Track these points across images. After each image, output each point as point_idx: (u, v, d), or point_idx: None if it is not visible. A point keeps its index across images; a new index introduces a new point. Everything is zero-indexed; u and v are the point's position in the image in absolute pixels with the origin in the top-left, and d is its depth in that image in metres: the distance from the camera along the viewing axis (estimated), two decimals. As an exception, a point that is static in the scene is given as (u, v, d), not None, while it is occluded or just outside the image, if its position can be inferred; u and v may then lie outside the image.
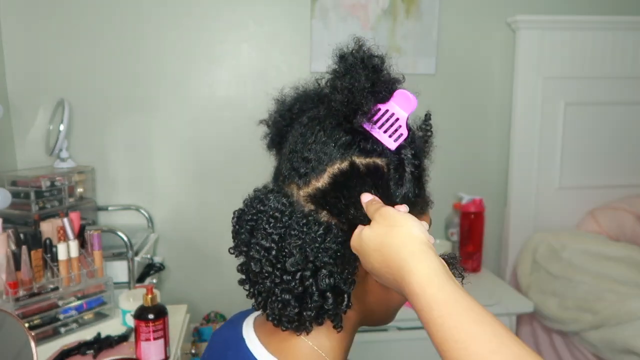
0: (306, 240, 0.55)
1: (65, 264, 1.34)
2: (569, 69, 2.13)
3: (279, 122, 0.66)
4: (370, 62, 0.56)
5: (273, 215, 0.57)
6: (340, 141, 0.56)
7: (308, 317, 0.55)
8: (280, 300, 0.55)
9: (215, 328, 2.01)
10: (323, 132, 0.57)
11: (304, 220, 0.55)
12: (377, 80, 0.55)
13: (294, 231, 0.55)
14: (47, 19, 1.90)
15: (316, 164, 0.56)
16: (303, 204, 0.57)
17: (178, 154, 2.05)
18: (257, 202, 0.60)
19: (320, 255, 0.54)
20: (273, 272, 0.55)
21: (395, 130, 0.55)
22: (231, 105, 2.05)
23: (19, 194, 1.63)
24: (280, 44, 2.05)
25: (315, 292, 0.54)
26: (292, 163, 0.58)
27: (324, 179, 0.56)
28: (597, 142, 2.20)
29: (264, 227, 0.57)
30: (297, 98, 0.65)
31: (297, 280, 0.54)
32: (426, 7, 2.07)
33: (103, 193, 2.00)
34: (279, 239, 0.56)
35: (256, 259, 0.56)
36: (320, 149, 0.56)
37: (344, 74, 0.55)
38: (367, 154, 0.56)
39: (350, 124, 0.56)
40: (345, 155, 0.56)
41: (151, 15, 1.95)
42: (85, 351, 1.23)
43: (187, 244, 2.10)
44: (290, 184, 0.59)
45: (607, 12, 2.17)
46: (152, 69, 1.99)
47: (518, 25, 2.09)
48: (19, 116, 1.92)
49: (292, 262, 0.54)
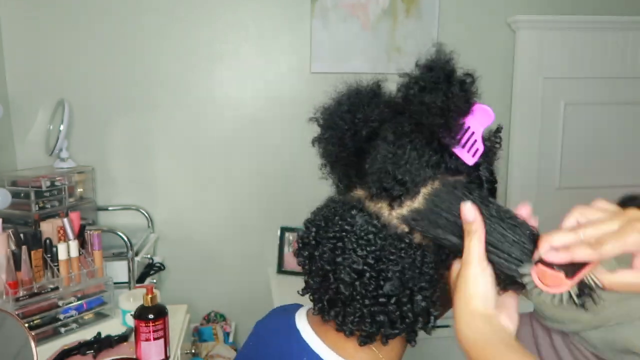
0: (405, 265, 0.54)
1: (65, 264, 1.34)
2: (569, 69, 2.13)
3: (338, 124, 0.61)
4: (459, 78, 0.55)
5: (364, 237, 0.54)
6: (432, 161, 0.55)
7: (392, 336, 0.56)
8: (370, 321, 0.55)
9: (215, 328, 2.01)
10: (415, 152, 0.55)
11: (401, 244, 0.54)
12: (465, 98, 0.54)
13: (392, 255, 0.54)
14: (47, 19, 1.90)
15: (411, 185, 0.54)
16: (397, 225, 0.55)
17: (178, 154, 2.05)
18: (339, 219, 0.57)
19: (418, 281, 0.54)
20: (365, 295, 0.54)
21: (472, 146, 0.55)
22: (231, 105, 2.05)
23: (19, 194, 1.63)
24: (280, 44, 2.05)
25: (410, 316, 0.54)
26: (383, 183, 0.55)
27: (419, 200, 0.55)
28: (597, 142, 2.19)
29: (353, 248, 0.54)
30: (356, 99, 0.61)
31: (393, 304, 0.54)
32: (426, 7, 2.07)
33: (103, 193, 2.00)
34: (373, 262, 0.54)
35: (347, 282, 0.54)
36: (415, 170, 0.54)
37: (433, 88, 0.53)
38: (453, 172, 0.56)
39: (439, 142, 0.55)
40: (436, 175, 0.55)
41: (151, 15, 1.95)
42: (85, 351, 1.23)
43: (187, 244, 2.10)
44: (379, 203, 0.57)
45: (607, 12, 2.17)
46: (152, 69, 1.99)
47: (518, 25, 2.09)
48: (19, 116, 1.92)
49: (390, 287, 0.53)
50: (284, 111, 2.07)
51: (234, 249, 2.13)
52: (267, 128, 2.08)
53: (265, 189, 2.11)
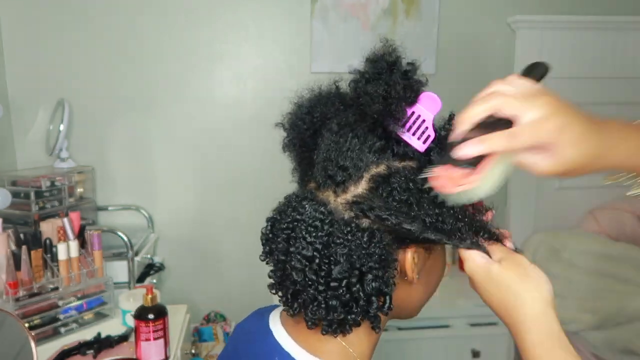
0: (352, 248, 0.55)
1: (65, 264, 1.34)
2: (569, 69, 2.13)
3: (298, 125, 0.65)
4: (402, 67, 0.56)
5: (312, 224, 0.56)
6: (375, 147, 0.57)
7: (351, 321, 0.56)
8: (325, 307, 0.56)
9: (215, 328, 2.01)
10: (357, 139, 0.57)
11: (347, 228, 0.55)
12: (408, 85, 0.55)
13: (339, 239, 0.55)
14: (47, 19, 1.90)
15: (353, 170, 0.56)
16: (342, 211, 0.57)
17: (178, 154, 2.05)
18: (291, 210, 0.59)
19: (366, 261, 0.55)
20: (317, 280, 0.55)
21: (422, 133, 0.56)
22: (231, 105, 2.05)
23: (19, 194, 1.63)
24: (280, 44, 2.05)
25: (361, 297, 0.55)
26: (327, 171, 0.58)
27: (363, 185, 0.57)
28: (597, 142, 2.19)
29: (303, 235, 0.56)
30: (316, 100, 0.64)
31: (343, 287, 0.55)
32: (426, 7, 2.07)
33: (103, 193, 2.00)
34: (321, 248, 0.55)
35: (298, 268, 0.56)
36: (356, 156, 0.56)
37: (376, 78, 0.55)
38: (401, 157, 0.57)
39: (383, 130, 0.57)
40: (381, 160, 0.57)
41: (151, 15, 1.95)
42: (85, 351, 1.23)
43: (187, 244, 2.10)
44: (326, 192, 0.58)
45: (607, 12, 2.17)
46: (152, 69, 1.99)
47: (518, 25, 2.08)
48: (19, 116, 1.92)
49: (339, 270, 0.54)
50: (284, 111, 2.06)
51: (234, 249, 2.13)
52: (267, 128, 2.07)
53: (266, 189, 2.10)
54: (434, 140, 0.57)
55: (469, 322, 1.80)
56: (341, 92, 0.63)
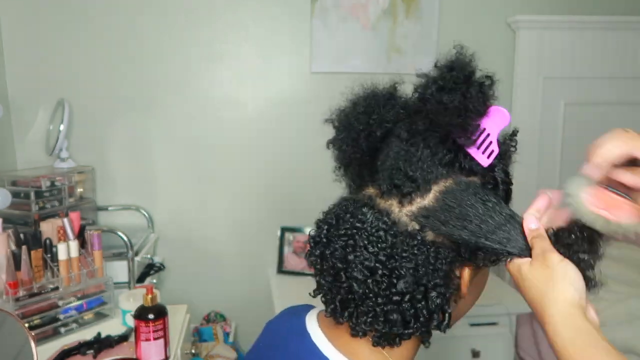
0: (418, 262, 0.53)
1: (65, 264, 1.34)
2: (569, 69, 2.13)
3: (353, 126, 0.61)
4: (479, 79, 0.55)
5: (375, 233, 0.55)
6: (445, 159, 0.55)
7: (406, 336, 0.55)
8: (383, 319, 0.54)
9: (215, 328, 2.01)
10: (429, 150, 0.55)
11: (413, 241, 0.54)
12: (483, 99, 0.55)
13: (405, 253, 0.54)
14: (47, 19, 1.90)
15: (422, 182, 0.55)
16: (407, 222, 0.55)
17: (178, 154, 2.05)
18: (349, 217, 0.57)
19: (432, 277, 0.54)
20: (378, 293, 0.54)
21: (487, 147, 0.55)
22: (231, 105, 2.05)
23: (19, 194, 1.63)
24: (280, 44, 2.05)
25: (424, 314, 0.54)
26: (394, 180, 0.55)
27: (430, 198, 0.55)
28: (597, 142, 2.19)
29: (364, 245, 0.55)
30: (373, 101, 0.61)
31: (407, 301, 0.54)
32: (426, 7, 2.07)
33: (103, 193, 2.00)
34: (385, 260, 0.54)
35: (359, 279, 0.54)
36: (427, 167, 0.55)
37: (452, 89, 0.53)
38: (467, 172, 0.56)
39: (453, 142, 0.55)
40: (449, 174, 0.55)
41: (151, 15, 1.95)
42: (85, 351, 1.23)
43: (187, 244, 2.10)
44: (389, 200, 0.57)
45: (607, 12, 2.17)
46: (152, 69, 1.99)
47: (518, 25, 2.09)
48: (19, 116, 1.92)
49: (405, 285, 0.53)
50: (284, 111, 2.07)
51: (234, 249, 2.13)
52: (267, 128, 2.08)
53: (265, 188, 2.11)
54: (497, 156, 0.56)
55: (469, 322, 1.80)
56: (399, 95, 0.61)
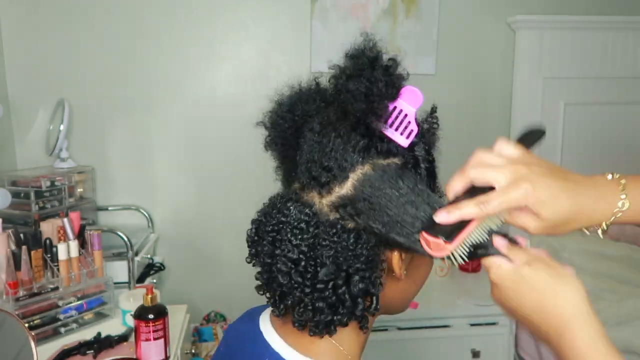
0: (338, 249, 0.54)
1: (65, 264, 1.34)
2: (569, 69, 2.13)
3: (279, 124, 0.64)
4: (384, 63, 0.55)
5: (297, 226, 0.56)
6: (359, 146, 0.55)
7: (338, 322, 0.56)
8: (311, 309, 0.55)
9: (215, 328, 2.01)
10: (340, 139, 0.56)
11: (333, 229, 0.55)
12: (390, 81, 0.54)
13: (325, 241, 0.55)
14: (47, 20, 1.90)
15: (338, 171, 0.55)
16: (327, 212, 0.56)
17: (178, 154, 2.05)
18: (276, 212, 0.59)
19: (352, 263, 0.54)
20: (303, 283, 0.55)
21: (405, 127, 0.55)
22: (231, 105, 2.05)
23: (19, 194, 1.63)
24: (280, 44, 2.05)
25: (348, 299, 0.55)
26: (311, 172, 0.57)
27: (348, 186, 0.55)
28: (597, 142, 2.19)
29: (288, 238, 0.56)
30: (297, 98, 0.63)
31: (330, 289, 0.54)
32: (426, 7, 2.07)
33: (103, 193, 2.00)
34: (307, 250, 0.55)
35: (284, 271, 0.56)
36: (340, 156, 0.55)
37: (357, 75, 0.54)
38: (384, 154, 0.56)
39: (366, 127, 0.55)
40: (366, 159, 0.55)
41: (151, 15, 1.95)
42: (85, 351, 1.23)
43: (187, 244, 2.10)
44: (310, 193, 0.58)
45: (607, 12, 2.17)
46: (152, 69, 1.99)
47: (518, 25, 2.09)
48: (19, 116, 1.92)
49: (326, 272, 0.54)
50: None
51: (234, 249, 2.13)
52: (267, 128, 2.07)
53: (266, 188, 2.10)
54: (417, 135, 0.56)
55: (469, 322, 1.80)
56: (322, 88, 0.62)
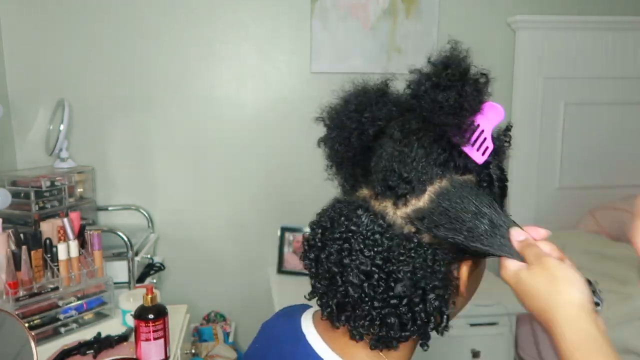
0: (415, 265, 0.52)
1: (65, 264, 1.34)
2: (569, 69, 2.13)
3: (344, 123, 0.60)
4: (474, 77, 0.54)
5: (370, 237, 0.53)
6: (440, 159, 0.54)
7: (404, 338, 0.54)
8: (379, 323, 0.53)
9: (215, 328, 2.01)
10: (423, 150, 0.54)
11: (410, 244, 0.53)
12: (481, 98, 0.54)
13: (402, 256, 0.52)
14: (47, 19, 1.90)
15: (417, 184, 0.53)
16: (402, 225, 0.54)
17: (178, 154, 2.05)
18: (344, 219, 0.56)
19: (430, 280, 0.53)
20: (374, 297, 0.53)
21: (481, 144, 0.54)
22: (231, 105, 2.05)
23: (19, 194, 1.63)
24: (280, 44, 2.05)
25: (422, 317, 0.53)
26: (388, 182, 0.54)
27: (425, 199, 0.54)
28: (597, 142, 2.20)
29: (360, 249, 0.53)
30: (364, 99, 0.60)
31: (404, 305, 0.53)
32: (426, 7, 2.07)
33: (103, 193, 2.00)
34: (381, 263, 0.53)
35: (355, 283, 0.53)
36: (421, 168, 0.53)
37: (447, 87, 0.52)
38: (462, 170, 0.55)
39: (448, 141, 0.54)
40: (444, 174, 0.54)
41: (151, 15, 1.95)
42: (85, 351, 1.23)
43: (187, 244, 2.10)
44: (384, 202, 0.55)
45: (607, 12, 2.17)
46: (152, 69, 1.99)
47: (518, 25, 2.09)
48: (19, 116, 1.92)
49: (402, 288, 0.52)
50: (284, 111, 2.07)
51: (234, 249, 2.13)
52: (267, 128, 2.08)
53: (265, 188, 2.11)
54: (492, 152, 0.55)
55: (469, 322, 1.80)
56: (391, 92, 0.60)
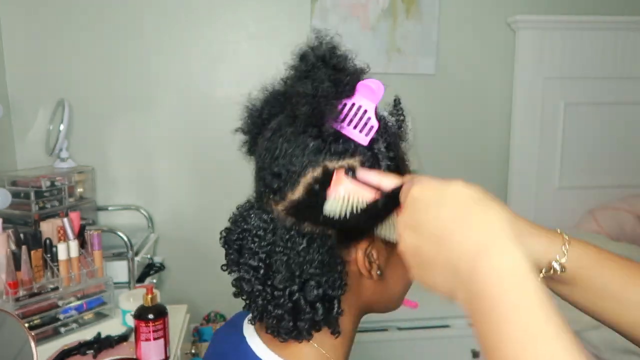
0: (290, 255, 0.54)
1: (65, 264, 1.34)
2: (569, 69, 2.13)
3: (251, 129, 0.63)
4: (332, 61, 0.53)
5: (257, 233, 0.56)
6: (309, 148, 0.53)
7: (303, 328, 0.55)
8: (274, 315, 0.55)
9: (215, 328, 2.01)
10: (287, 143, 0.54)
11: (287, 235, 0.54)
12: (340, 79, 0.53)
13: (279, 247, 0.54)
14: (47, 20, 1.90)
15: (288, 177, 0.54)
16: (284, 218, 0.55)
17: (178, 154, 2.05)
18: (241, 220, 0.59)
19: (305, 268, 0.53)
20: (264, 290, 0.55)
21: (365, 124, 0.53)
22: (231, 105, 2.04)
23: (19, 194, 1.63)
24: (280, 44, 2.05)
25: (305, 305, 0.54)
26: (264, 180, 0.56)
27: (299, 191, 0.54)
28: (597, 142, 2.20)
29: (249, 246, 0.56)
30: (266, 101, 0.62)
31: (286, 296, 0.54)
32: (426, 7, 2.07)
33: (103, 193, 2.00)
34: (265, 257, 0.55)
35: (246, 279, 0.56)
36: (289, 161, 0.54)
37: (305, 76, 0.53)
38: (340, 155, 0.53)
39: (319, 128, 0.53)
40: (317, 162, 0.53)
41: (151, 15, 1.95)
42: (85, 351, 1.23)
43: (187, 244, 2.10)
44: (268, 199, 0.56)
45: (607, 12, 2.17)
46: (152, 68, 1.99)
47: (518, 25, 2.09)
48: (19, 116, 1.92)
49: (280, 279, 0.54)
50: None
51: (234, 249, 2.13)
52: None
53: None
54: (378, 130, 0.54)
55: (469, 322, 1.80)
56: (287, 90, 0.59)
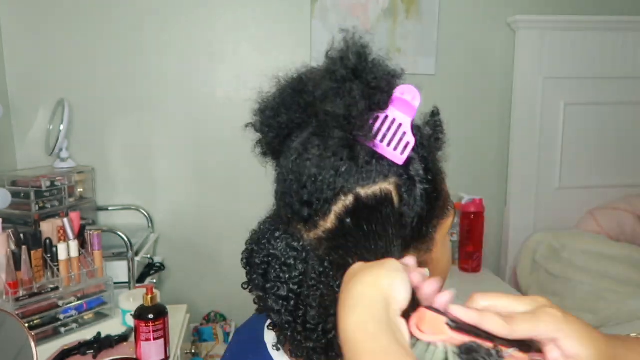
0: (324, 291, 0.48)
1: (65, 264, 1.34)
2: (569, 69, 2.13)
3: (265, 131, 0.57)
4: (364, 74, 0.48)
5: (286, 262, 0.50)
6: (340, 171, 0.47)
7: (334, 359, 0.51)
8: (304, 347, 0.51)
9: (215, 328, 2.01)
10: (316, 169, 0.48)
11: (320, 268, 0.49)
12: (374, 94, 0.47)
13: (312, 281, 0.49)
14: (47, 19, 1.90)
15: (318, 205, 0.48)
16: (316, 246, 0.50)
17: (178, 154, 2.05)
18: (265, 242, 0.53)
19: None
20: (294, 322, 0.50)
21: (400, 140, 0.47)
22: (231, 105, 2.05)
23: (19, 194, 1.63)
24: (280, 44, 2.05)
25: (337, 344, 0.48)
26: (292, 207, 0.50)
27: (332, 220, 0.49)
28: (596, 142, 2.20)
29: (277, 274, 0.51)
30: (280, 102, 0.55)
31: (319, 332, 0.49)
32: (426, 7, 2.07)
33: (103, 193, 2.00)
34: (296, 288, 0.50)
35: (274, 309, 0.51)
36: (319, 189, 0.48)
37: (335, 95, 0.47)
38: (373, 180, 0.48)
39: (350, 149, 0.47)
40: (349, 188, 0.48)
41: (151, 15, 1.95)
42: (85, 351, 1.23)
43: (187, 244, 2.10)
44: (298, 225, 0.51)
45: (607, 12, 2.17)
46: (152, 69, 1.99)
47: (518, 25, 2.09)
48: (19, 116, 1.92)
49: (313, 315, 0.49)
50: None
51: (234, 249, 2.11)
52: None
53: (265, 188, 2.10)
54: (415, 148, 0.48)
55: None
56: (307, 89, 0.52)
